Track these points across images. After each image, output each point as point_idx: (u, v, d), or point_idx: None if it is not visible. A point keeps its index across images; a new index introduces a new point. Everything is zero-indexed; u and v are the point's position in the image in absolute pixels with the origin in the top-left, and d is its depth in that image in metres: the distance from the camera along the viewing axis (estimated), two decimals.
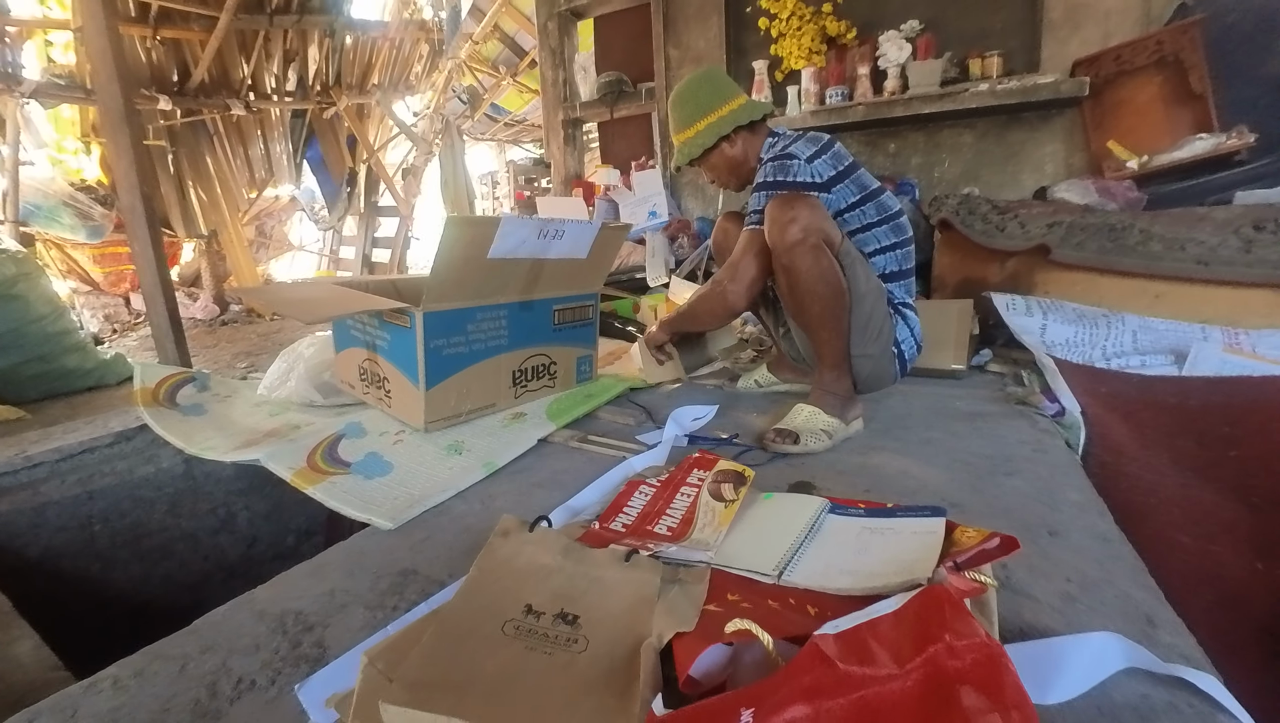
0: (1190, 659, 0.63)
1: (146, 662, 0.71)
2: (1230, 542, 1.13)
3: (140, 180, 1.96)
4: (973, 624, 0.47)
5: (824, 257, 1.22)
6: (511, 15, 5.63)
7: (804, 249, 1.21)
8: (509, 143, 8.27)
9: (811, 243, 1.21)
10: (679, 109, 1.45)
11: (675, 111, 1.46)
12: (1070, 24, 2.32)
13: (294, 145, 5.02)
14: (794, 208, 1.22)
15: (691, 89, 1.44)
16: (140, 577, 1.59)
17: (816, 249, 1.21)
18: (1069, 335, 1.71)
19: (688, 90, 1.44)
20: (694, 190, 3.26)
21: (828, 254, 1.23)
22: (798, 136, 1.39)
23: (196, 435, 1.43)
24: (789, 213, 1.22)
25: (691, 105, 1.43)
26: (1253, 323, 1.65)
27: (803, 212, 1.21)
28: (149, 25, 3.80)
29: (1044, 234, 1.89)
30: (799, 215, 1.21)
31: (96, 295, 4.04)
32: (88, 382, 2.10)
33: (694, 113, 1.42)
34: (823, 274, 1.22)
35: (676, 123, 1.47)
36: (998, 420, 1.36)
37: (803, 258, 1.22)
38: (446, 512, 1.05)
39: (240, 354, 2.83)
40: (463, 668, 0.53)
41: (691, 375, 1.80)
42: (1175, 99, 2.11)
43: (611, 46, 3.49)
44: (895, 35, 2.50)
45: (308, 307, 1.36)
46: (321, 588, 0.84)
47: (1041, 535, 0.88)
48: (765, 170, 1.34)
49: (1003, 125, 2.50)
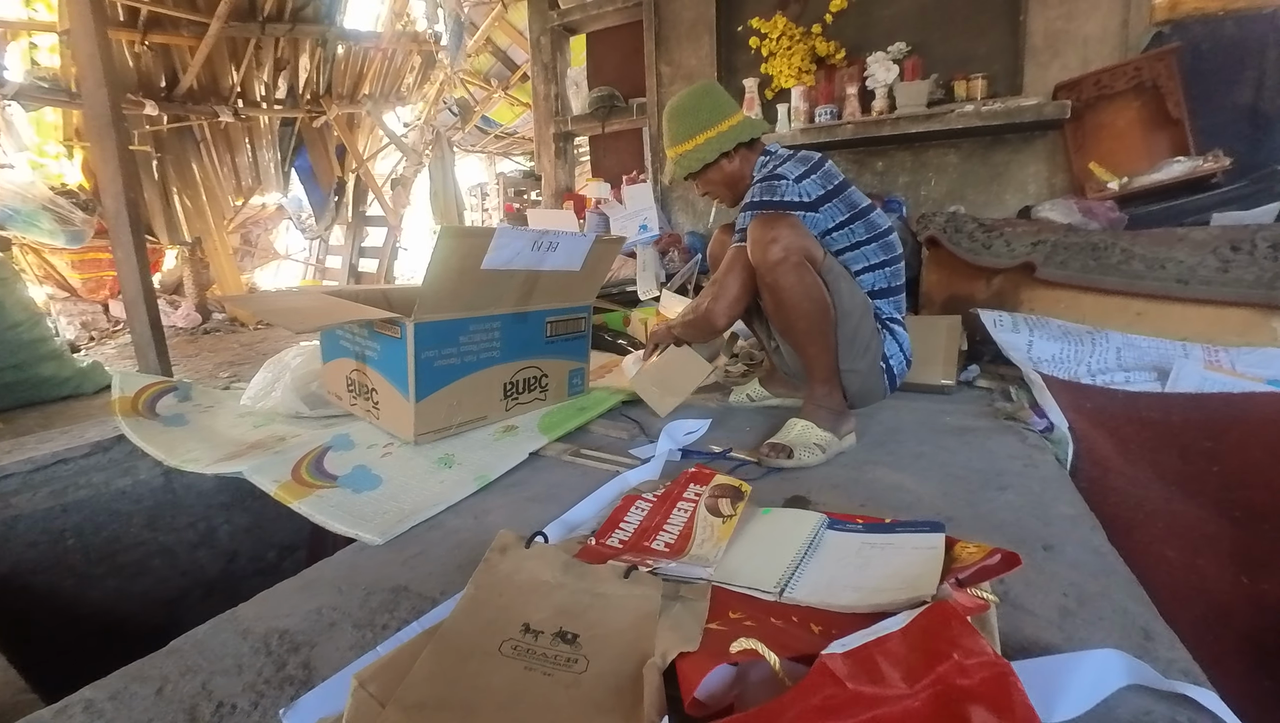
0: (1189, 674, 0.63)
1: (122, 684, 0.68)
2: (1214, 555, 1.15)
3: (125, 186, 1.93)
4: (980, 642, 0.47)
5: (807, 274, 1.24)
6: (504, 29, 5.68)
7: (786, 267, 1.23)
8: (499, 155, 8.30)
9: (793, 261, 1.22)
10: (677, 122, 1.44)
11: (673, 124, 1.45)
12: (1051, 50, 2.38)
13: (282, 153, 4.98)
14: (774, 228, 1.24)
15: (691, 103, 1.42)
16: (115, 593, 1.53)
17: (799, 267, 1.23)
18: (1055, 352, 1.74)
19: (687, 103, 1.43)
20: (685, 205, 3.28)
21: (810, 271, 1.25)
22: (789, 156, 1.40)
23: (177, 447, 1.39)
24: (770, 233, 1.23)
25: (691, 119, 1.41)
26: (1230, 341, 1.69)
27: (783, 231, 1.23)
28: (138, 30, 3.76)
29: (1029, 252, 1.93)
30: (779, 235, 1.23)
31: (74, 302, 3.95)
32: (63, 391, 2.04)
33: (694, 127, 1.41)
34: (806, 291, 1.24)
35: (674, 136, 1.45)
36: (987, 435, 1.37)
37: (786, 276, 1.23)
38: (438, 526, 1.03)
39: (223, 364, 2.78)
40: (463, 690, 0.52)
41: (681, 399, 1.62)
42: (1154, 123, 2.18)
43: (604, 62, 3.53)
44: (883, 57, 2.56)
45: (296, 315, 1.34)
46: (309, 606, 0.81)
47: (1036, 550, 0.88)
48: (754, 190, 1.35)
49: (987, 146, 2.55)
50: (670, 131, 1.46)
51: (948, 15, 2.57)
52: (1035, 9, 2.38)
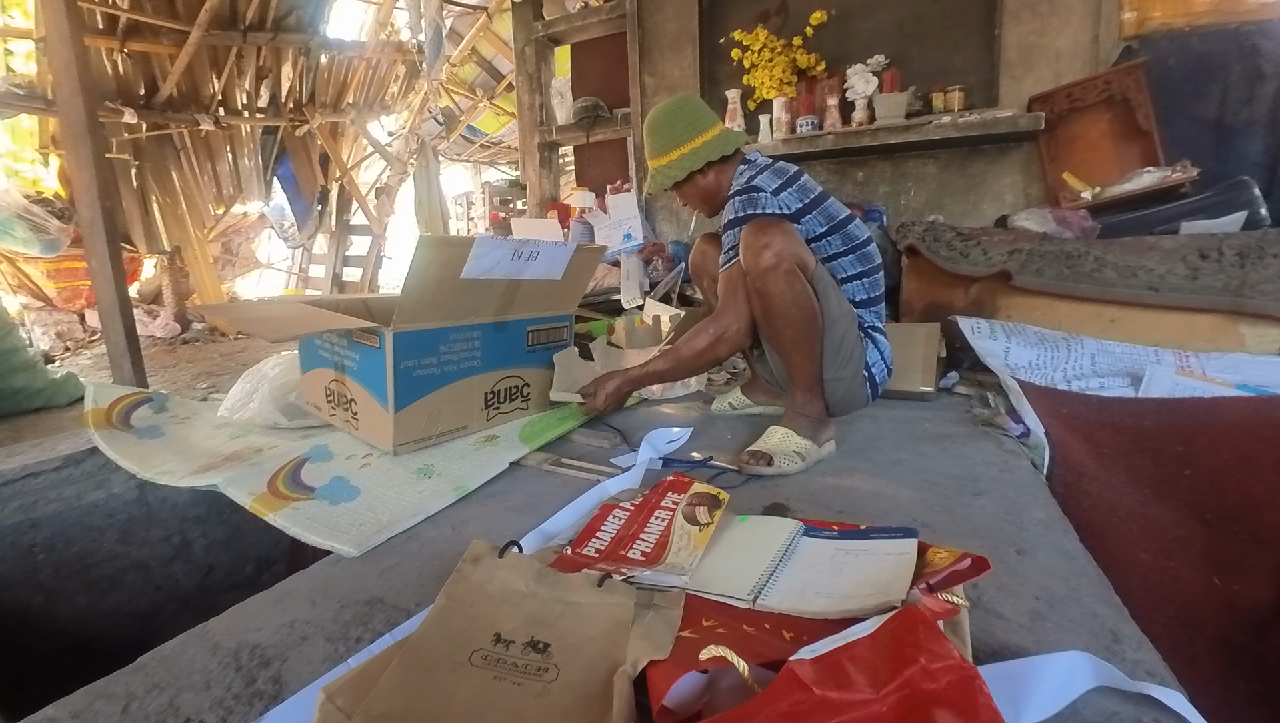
0: (1155, 674, 0.64)
1: (87, 702, 0.67)
2: (1186, 557, 1.17)
3: (101, 194, 1.90)
4: (947, 646, 0.48)
5: (798, 281, 1.24)
6: (489, 39, 5.70)
7: (778, 274, 1.23)
8: (485, 164, 8.30)
9: (785, 268, 1.23)
10: (653, 137, 1.44)
11: (650, 139, 1.45)
12: (1024, 64, 2.44)
13: (264, 162, 4.94)
14: (768, 233, 1.24)
15: (667, 119, 1.42)
16: (87, 609, 1.50)
17: (791, 274, 1.23)
18: (1031, 358, 1.77)
19: (663, 119, 1.42)
20: (669, 214, 3.30)
21: (801, 279, 1.25)
22: (766, 166, 1.40)
23: (152, 459, 1.37)
24: (763, 238, 1.24)
25: (666, 135, 1.41)
26: (1199, 346, 1.73)
27: (776, 237, 1.23)
28: (117, 38, 3.72)
29: (1005, 260, 1.96)
30: (773, 241, 1.23)
31: (49, 312, 3.87)
32: (35, 402, 2.00)
33: (668, 142, 1.41)
34: (796, 299, 1.24)
35: (650, 150, 1.46)
36: (965, 441, 1.39)
37: (776, 283, 1.23)
38: (416, 537, 1.02)
39: (201, 374, 2.74)
40: (429, 700, 0.51)
41: None
42: (1124, 135, 2.23)
43: (588, 73, 3.55)
44: (862, 69, 2.60)
45: (273, 325, 1.32)
46: (281, 619, 0.80)
47: (1010, 554, 0.89)
48: (734, 204, 1.35)
49: (964, 157, 2.60)
50: (649, 145, 1.47)
51: (924, 29, 2.62)
52: (1009, 24, 2.44)
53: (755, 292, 1.28)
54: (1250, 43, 2.10)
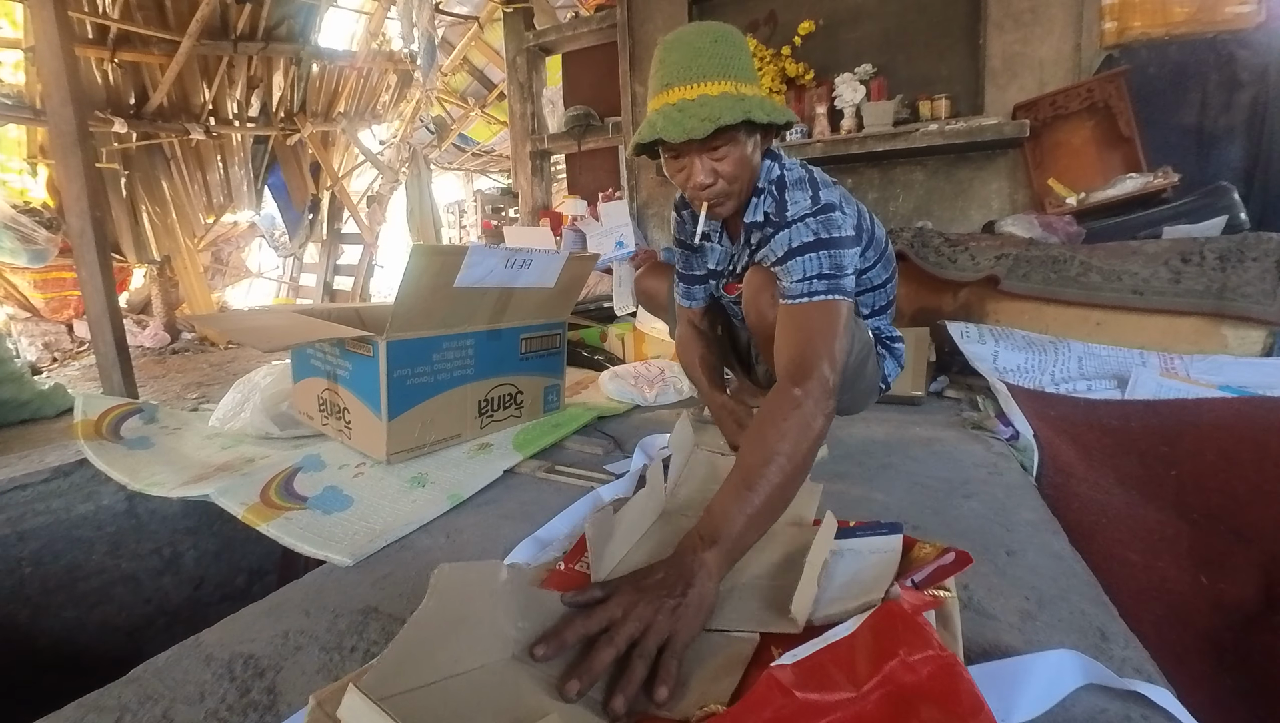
0: (1142, 672, 0.66)
1: (79, 716, 0.66)
2: (1174, 557, 1.18)
3: (91, 204, 1.89)
4: (926, 636, 0.48)
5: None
6: (480, 49, 5.73)
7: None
8: (476, 172, 8.31)
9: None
10: (729, 48, 0.98)
11: (715, 52, 0.96)
12: (1009, 72, 2.48)
13: (255, 171, 4.93)
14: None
15: (739, 40, 1.01)
16: (75, 623, 1.48)
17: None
18: (1020, 362, 1.79)
19: (734, 38, 1.00)
20: (660, 221, 3.32)
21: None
22: (808, 170, 1.14)
23: (142, 470, 1.36)
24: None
25: (744, 60, 0.99)
26: (1183, 348, 1.76)
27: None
28: (107, 48, 3.71)
29: (993, 266, 1.99)
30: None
31: (36, 322, 3.84)
32: (23, 414, 1.98)
33: (743, 70, 0.98)
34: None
35: (722, 67, 0.96)
36: (954, 445, 1.41)
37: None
38: (410, 546, 1.02)
39: (191, 384, 2.72)
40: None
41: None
42: (1107, 141, 2.27)
43: (579, 82, 3.58)
44: (850, 78, 2.64)
45: (265, 334, 1.32)
46: (275, 629, 0.80)
47: (999, 555, 0.90)
48: (808, 225, 1.04)
49: (952, 164, 2.64)
50: (709, 59, 0.96)
51: (911, 38, 2.66)
52: (993, 33, 2.48)
53: (764, 335, 1.11)
54: (1227, 52, 2.15)
